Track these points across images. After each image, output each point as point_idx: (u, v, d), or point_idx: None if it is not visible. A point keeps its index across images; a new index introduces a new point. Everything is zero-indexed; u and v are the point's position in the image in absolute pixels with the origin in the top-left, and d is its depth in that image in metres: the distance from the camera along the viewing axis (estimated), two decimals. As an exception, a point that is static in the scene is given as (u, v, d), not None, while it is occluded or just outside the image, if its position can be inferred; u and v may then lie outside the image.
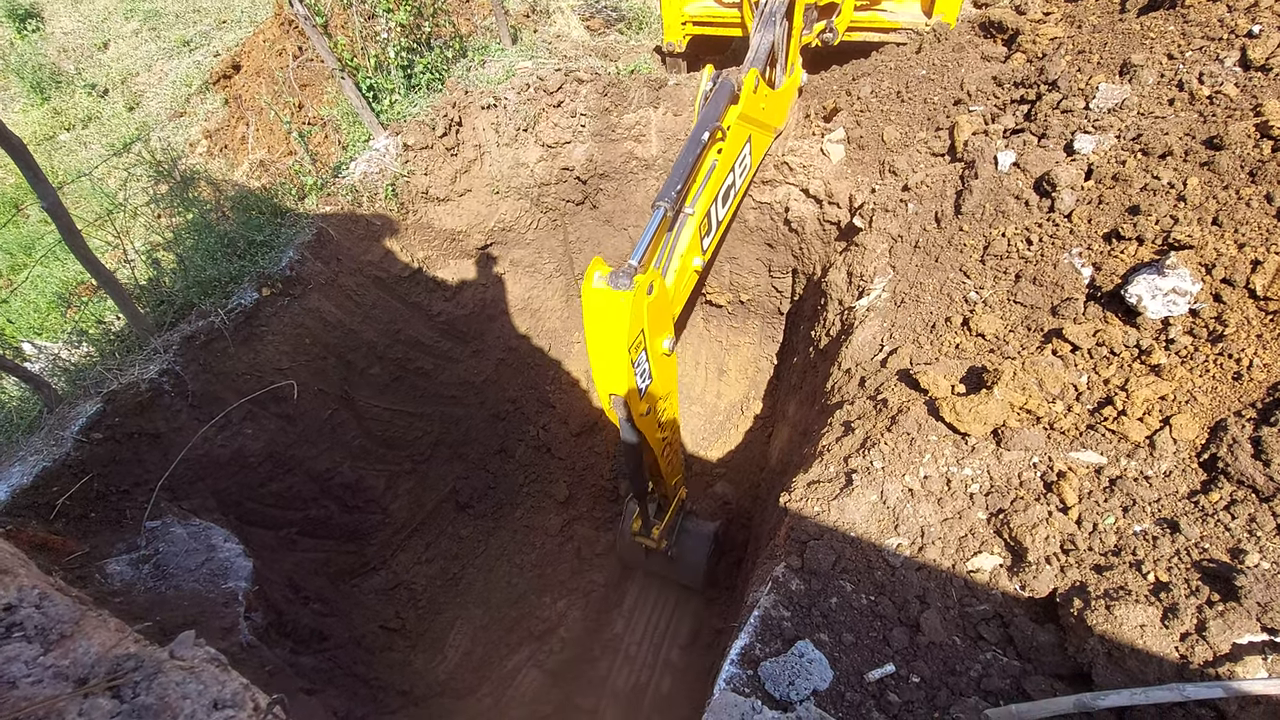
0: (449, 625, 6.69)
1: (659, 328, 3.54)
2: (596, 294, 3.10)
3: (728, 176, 4.27)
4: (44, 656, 1.62)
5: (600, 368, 3.42)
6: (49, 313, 6.59)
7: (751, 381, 8.01)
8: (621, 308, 3.07)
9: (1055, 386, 3.20)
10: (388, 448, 6.62)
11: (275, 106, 6.72)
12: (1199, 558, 2.44)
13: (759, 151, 4.99)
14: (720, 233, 4.43)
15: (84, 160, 8.87)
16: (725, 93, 4.11)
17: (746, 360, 8.10)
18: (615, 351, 3.26)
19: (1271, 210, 3.25)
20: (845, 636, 2.71)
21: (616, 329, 3.16)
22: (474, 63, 6.89)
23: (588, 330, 3.29)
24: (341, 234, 5.80)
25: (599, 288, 3.09)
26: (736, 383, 8.13)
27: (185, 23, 10.73)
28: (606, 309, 3.12)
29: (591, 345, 3.36)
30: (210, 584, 4.05)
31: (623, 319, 3.11)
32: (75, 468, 4.09)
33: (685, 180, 3.64)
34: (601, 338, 3.24)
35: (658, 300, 3.38)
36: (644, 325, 3.31)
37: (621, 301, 3.05)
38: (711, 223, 4.19)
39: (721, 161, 4.09)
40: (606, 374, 3.42)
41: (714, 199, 4.12)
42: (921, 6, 6.07)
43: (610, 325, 3.16)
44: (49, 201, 3.91)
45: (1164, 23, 4.65)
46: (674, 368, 4.16)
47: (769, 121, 5.07)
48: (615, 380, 3.42)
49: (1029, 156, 4.31)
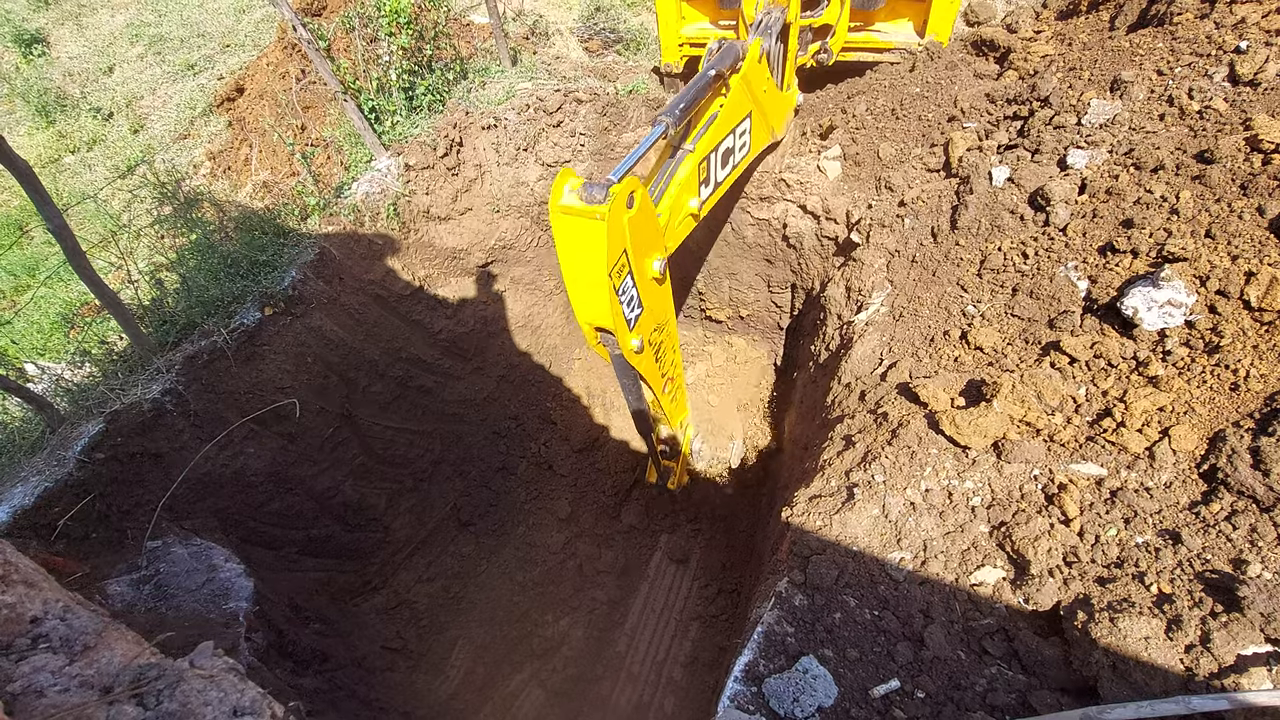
0: (451, 645, 6.63)
1: (646, 246, 3.06)
2: (566, 214, 2.63)
3: (728, 138, 4.05)
4: (70, 666, 1.66)
5: (579, 297, 2.91)
6: (52, 333, 6.62)
7: (751, 396, 8.02)
8: (596, 228, 2.62)
9: (1054, 399, 3.22)
10: (389, 465, 6.62)
11: (278, 128, 6.81)
12: (1201, 569, 2.45)
13: (758, 141, 4.82)
14: (717, 195, 4.19)
15: (88, 182, 8.96)
16: (731, 53, 3.99)
17: (747, 375, 8.12)
18: (594, 279, 2.77)
19: (1264, 222, 3.29)
20: (850, 652, 2.70)
21: (593, 253, 2.69)
22: (474, 84, 6.99)
23: (561, 256, 2.79)
24: (343, 253, 5.85)
25: (568, 205, 2.63)
26: (737, 398, 8.13)
27: (190, 47, 10.89)
28: (579, 231, 2.66)
29: (567, 272, 2.85)
30: (211, 604, 4.03)
31: (598, 241, 2.66)
32: (77, 488, 4.09)
33: (689, 106, 3.35)
34: (577, 264, 2.77)
35: (642, 214, 2.92)
36: (626, 244, 2.84)
37: (597, 219, 2.60)
38: (710, 173, 3.89)
39: (723, 115, 3.89)
40: (586, 304, 2.93)
41: (714, 148, 3.86)
42: (914, 26, 6.19)
43: (586, 249, 2.70)
44: (54, 223, 3.95)
45: (1153, 40, 4.73)
46: (668, 293, 3.76)
47: (769, 107, 4.87)
48: (596, 310, 2.92)
49: (1023, 171, 4.37)
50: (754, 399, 8.04)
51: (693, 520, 7.35)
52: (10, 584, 1.71)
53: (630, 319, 3.12)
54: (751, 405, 8.01)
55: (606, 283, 2.78)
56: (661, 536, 7.34)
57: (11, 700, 1.54)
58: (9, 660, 1.61)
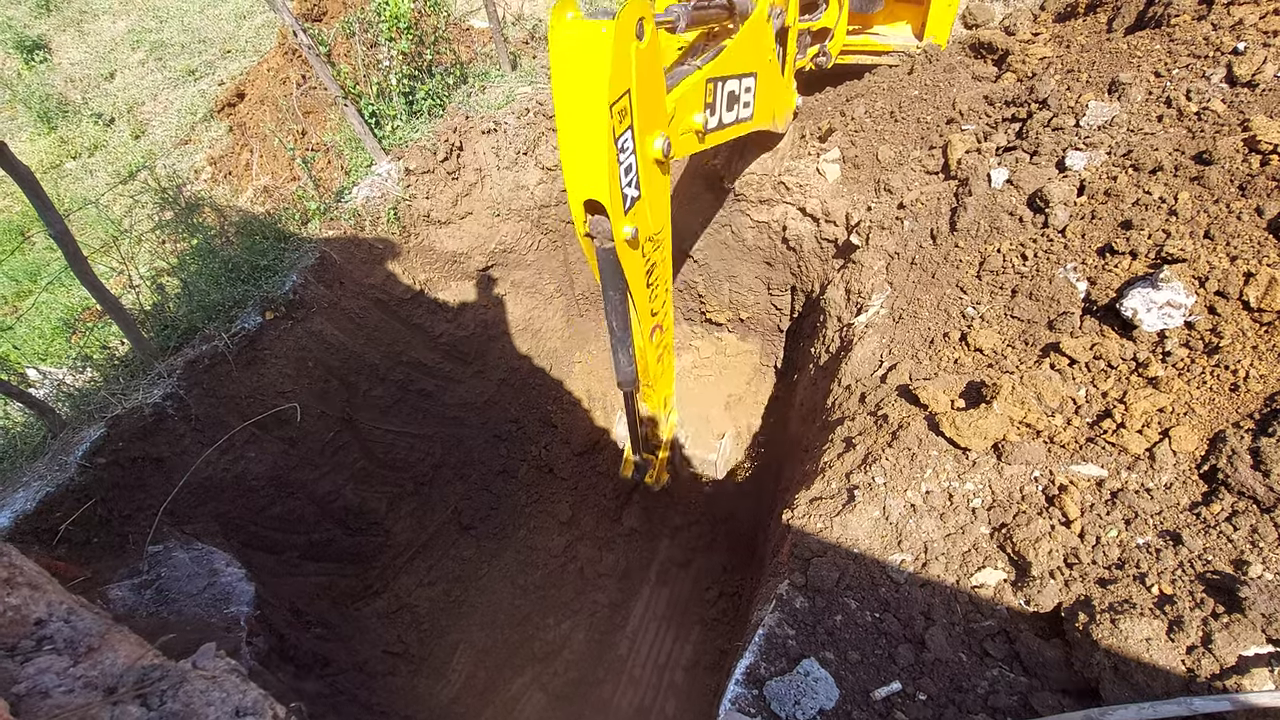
0: (452, 649, 6.63)
1: (650, 110, 2.80)
2: (567, 28, 2.37)
3: (733, 81, 3.97)
4: (74, 667, 1.68)
5: (572, 155, 2.63)
6: (54, 338, 6.63)
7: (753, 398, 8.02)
8: (601, 42, 2.35)
9: (1054, 400, 3.22)
10: (390, 469, 6.62)
11: (279, 133, 6.83)
12: (1202, 570, 2.44)
13: (760, 111, 4.68)
14: (722, 136, 4.13)
15: (90, 188, 8.98)
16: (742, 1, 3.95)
17: (737, 369, 7.99)
18: (592, 122, 2.49)
19: (1262, 223, 3.30)
20: (851, 654, 2.70)
21: (594, 77, 2.40)
22: (474, 89, 7.02)
23: (555, 89, 2.51)
24: (344, 257, 5.86)
25: (572, 19, 2.38)
26: (726, 393, 8.04)
27: (191, 53, 10.93)
28: (579, 46, 2.38)
29: (561, 116, 2.56)
30: (212, 609, 4.03)
31: (602, 59, 2.38)
32: (78, 493, 4.10)
33: (699, 11, 3.26)
34: (573, 96, 2.48)
35: (650, 53, 2.64)
36: (631, 83, 2.58)
37: (602, 32, 2.35)
38: (716, 103, 3.78)
39: (731, 49, 3.82)
40: (579, 164, 2.64)
41: (720, 79, 3.79)
42: (913, 29, 6.21)
43: (586, 71, 2.41)
44: (56, 229, 3.96)
45: (1150, 42, 4.74)
46: (666, 189, 3.47)
47: (771, 81, 4.78)
48: (591, 173, 2.65)
49: (1021, 173, 4.38)
50: (744, 395, 7.90)
51: (694, 523, 7.35)
52: (15, 586, 1.73)
53: (627, 198, 2.86)
54: (742, 401, 7.89)
55: (606, 125, 2.48)
56: (662, 540, 7.34)
57: (17, 701, 1.56)
58: (14, 661, 1.63)
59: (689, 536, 7.27)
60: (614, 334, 3.60)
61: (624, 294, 3.41)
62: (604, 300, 3.40)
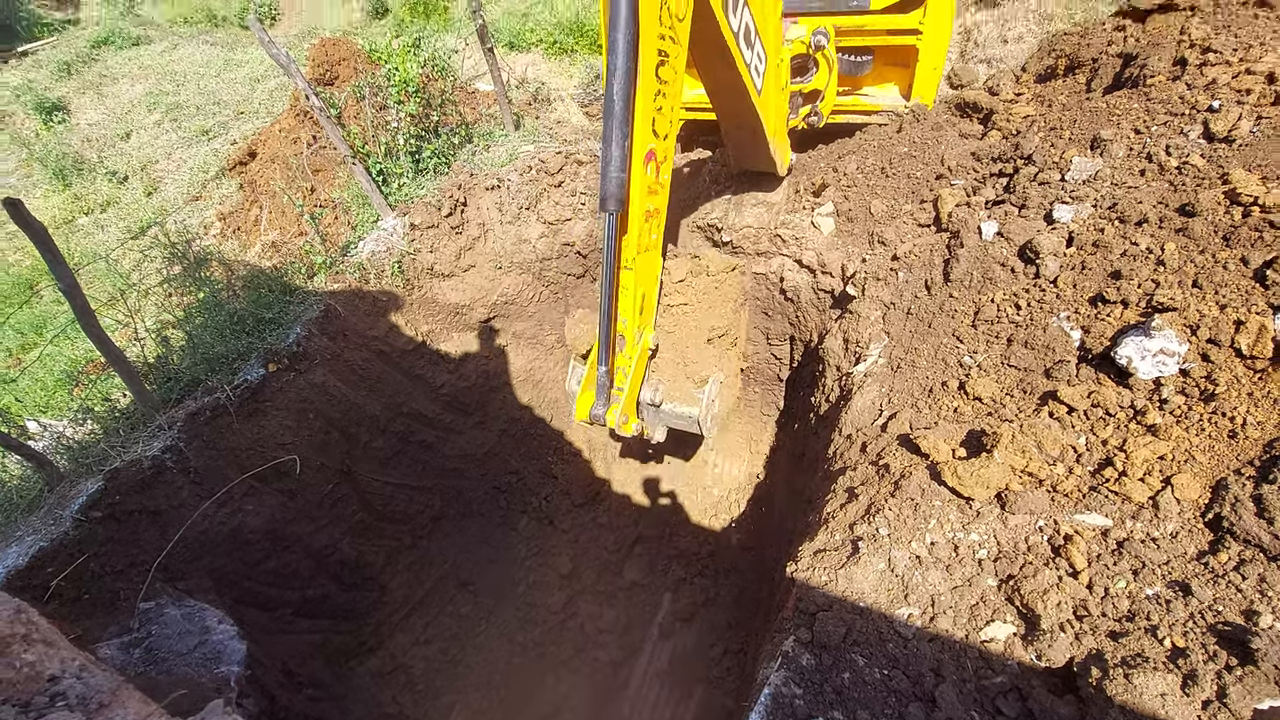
0: (448, 710, 6.40)
1: None
2: None
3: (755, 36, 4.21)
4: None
5: None
6: (56, 390, 6.65)
7: (753, 450, 7.98)
8: None
9: (1054, 448, 3.22)
10: (388, 522, 6.54)
11: (289, 190, 7.03)
12: (1213, 621, 2.40)
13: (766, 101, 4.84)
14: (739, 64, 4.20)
15: (101, 242, 9.18)
16: None
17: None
18: None
19: (1248, 272, 3.37)
20: (860, 714, 2.62)
21: None
22: (479, 147, 7.26)
23: None
24: (348, 310, 5.94)
25: None
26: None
27: (205, 114, 11.34)
28: None
29: None
30: (203, 669, 3.92)
31: None
32: (72, 547, 4.04)
33: None
34: None
35: None
36: None
37: None
38: (732, 27, 3.93)
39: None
40: None
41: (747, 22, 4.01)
42: (900, 90, 6.48)
43: None
44: (65, 283, 4.04)
45: (1128, 101, 4.95)
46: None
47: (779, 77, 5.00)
48: None
49: (1011, 226, 4.50)
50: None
51: (698, 575, 7.21)
52: (31, 643, 1.73)
53: None
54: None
55: None
56: (665, 594, 7.18)
57: None
58: (28, 717, 1.62)
59: (692, 590, 7.12)
60: (611, 115, 3.04)
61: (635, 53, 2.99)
62: (606, 61, 2.99)
